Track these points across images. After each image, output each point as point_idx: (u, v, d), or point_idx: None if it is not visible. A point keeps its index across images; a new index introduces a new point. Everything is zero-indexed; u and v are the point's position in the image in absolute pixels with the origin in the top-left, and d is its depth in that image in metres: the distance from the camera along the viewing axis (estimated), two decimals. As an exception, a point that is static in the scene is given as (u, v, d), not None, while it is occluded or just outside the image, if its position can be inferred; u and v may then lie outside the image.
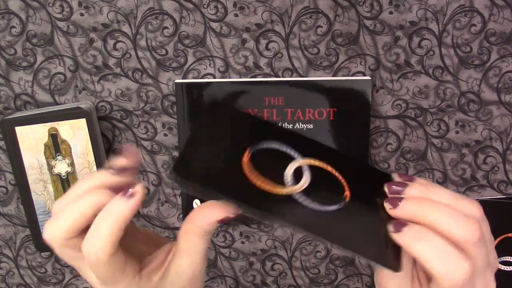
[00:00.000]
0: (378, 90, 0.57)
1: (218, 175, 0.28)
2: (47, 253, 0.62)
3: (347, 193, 0.30)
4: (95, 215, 0.29)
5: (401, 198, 0.29)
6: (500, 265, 0.60)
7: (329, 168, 0.30)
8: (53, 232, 0.29)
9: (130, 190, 0.29)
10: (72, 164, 0.55)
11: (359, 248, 0.28)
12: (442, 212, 0.27)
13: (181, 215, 0.61)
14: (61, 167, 0.55)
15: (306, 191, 0.29)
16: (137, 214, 0.61)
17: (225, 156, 0.29)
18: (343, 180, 0.30)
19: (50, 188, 0.56)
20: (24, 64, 0.57)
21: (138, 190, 0.29)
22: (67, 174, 0.55)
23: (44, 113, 0.54)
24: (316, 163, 0.30)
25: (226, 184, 0.28)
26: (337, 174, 0.30)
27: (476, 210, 0.29)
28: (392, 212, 0.29)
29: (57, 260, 0.63)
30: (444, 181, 0.59)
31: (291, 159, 0.30)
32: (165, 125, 0.58)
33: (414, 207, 0.28)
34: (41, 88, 0.57)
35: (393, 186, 0.30)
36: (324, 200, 0.29)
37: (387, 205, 0.29)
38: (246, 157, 0.29)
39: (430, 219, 0.27)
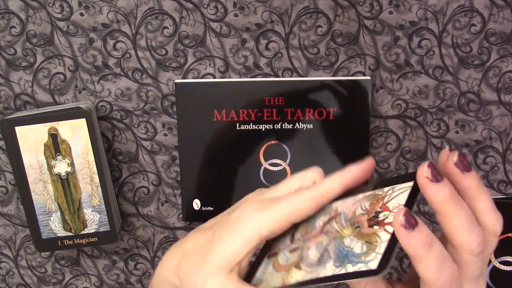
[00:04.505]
0: (378, 90, 0.57)
1: None
2: (47, 253, 0.62)
3: None
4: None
5: (443, 178, 0.27)
6: (500, 265, 0.60)
7: None
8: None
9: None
10: (72, 164, 0.55)
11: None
12: (465, 216, 0.27)
13: (181, 215, 0.61)
14: (61, 167, 0.55)
15: None
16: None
17: None
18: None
19: (50, 188, 0.56)
20: (24, 64, 0.57)
21: None
22: (67, 174, 0.55)
23: (44, 113, 0.54)
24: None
25: None
26: None
27: (499, 227, 0.29)
28: (431, 186, 0.26)
29: (57, 260, 0.63)
30: (444, 181, 0.59)
31: None
32: (165, 125, 0.58)
33: (449, 198, 0.27)
34: (41, 88, 0.57)
35: (461, 161, 0.27)
36: None
37: (426, 171, 0.26)
38: None
39: (453, 217, 0.27)
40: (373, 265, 0.25)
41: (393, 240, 0.26)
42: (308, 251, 0.29)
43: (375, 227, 0.27)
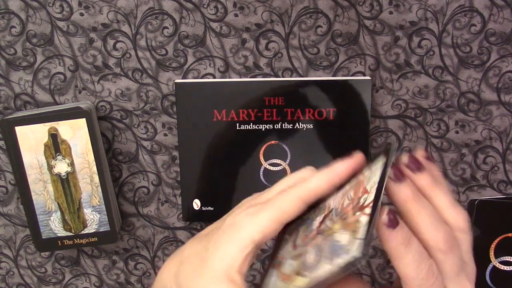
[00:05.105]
0: (378, 90, 0.57)
1: None
2: (47, 253, 0.62)
3: None
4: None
5: (404, 177, 0.28)
6: (500, 265, 0.60)
7: None
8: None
9: None
10: (72, 164, 0.55)
11: None
12: (428, 215, 0.27)
13: (181, 215, 0.61)
14: (61, 167, 0.55)
15: None
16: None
17: None
18: None
19: (50, 188, 0.56)
20: (24, 64, 0.57)
21: None
22: (67, 174, 0.55)
23: (44, 113, 0.54)
24: None
25: None
26: None
27: (462, 222, 0.29)
28: (393, 185, 0.27)
29: (57, 260, 0.63)
30: (444, 181, 0.59)
31: None
32: (165, 125, 0.58)
33: (410, 197, 0.28)
34: (41, 88, 0.57)
35: (412, 162, 0.28)
36: None
37: (389, 171, 0.27)
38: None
39: (415, 216, 0.28)
40: (356, 252, 0.25)
41: (371, 219, 0.25)
42: (306, 255, 0.29)
43: (357, 213, 0.27)
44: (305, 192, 0.29)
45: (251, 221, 0.29)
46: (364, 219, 0.26)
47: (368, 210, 0.26)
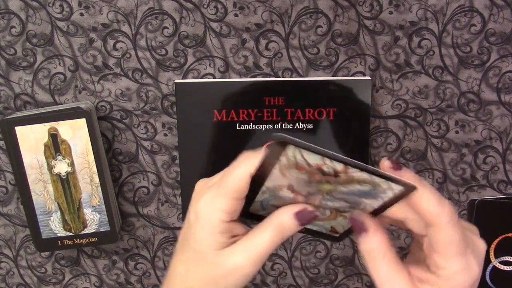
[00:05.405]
0: (378, 90, 0.57)
1: None
2: (47, 253, 0.62)
3: None
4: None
5: (400, 165, 0.30)
6: (500, 265, 0.60)
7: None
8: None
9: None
10: (72, 164, 0.55)
11: None
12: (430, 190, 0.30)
13: (181, 215, 0.61)
14: (61, 167, 0.55)
15: None
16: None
17: None
18: None
19: (50, 188, 0.56)
20: (24, 64, 0.57)
21: None
22: (67, 174, 0.55)
23: (44, 113, 0.54)
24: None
25: None
26: None
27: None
28: (395, 172, 0.29)
29: (57, 260, 0.63)
30: (444, 181, 0.59)
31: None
32: (165, 125, 0.58)
33: (414, 175, 0.30)
34: (41, 88, 0.57)
35: (393, 162, 0.31)
36: None
37: (388, 163, 0.30)
38: None
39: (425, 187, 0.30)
40: (397, 187, 0.28)
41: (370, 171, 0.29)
42: (339, 206, 0.32)
43: (342, 175, 0.30)
44: (252, 167, 0.32)
45: (213, 207, 0.31)
46: (359, 175, 0.29)
47: (352, 169, 0.29)
